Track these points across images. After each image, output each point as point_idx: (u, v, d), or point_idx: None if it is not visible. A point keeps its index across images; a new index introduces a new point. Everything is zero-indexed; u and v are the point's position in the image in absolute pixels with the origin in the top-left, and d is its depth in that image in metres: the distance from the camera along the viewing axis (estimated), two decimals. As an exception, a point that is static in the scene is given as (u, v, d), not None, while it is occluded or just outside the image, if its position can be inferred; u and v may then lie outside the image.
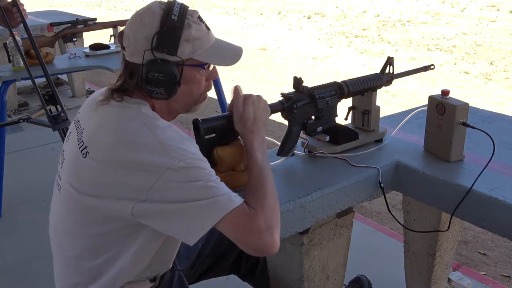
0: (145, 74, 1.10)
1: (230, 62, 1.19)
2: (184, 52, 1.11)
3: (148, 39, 1.09)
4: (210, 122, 1.20)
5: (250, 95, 1.23)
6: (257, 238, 1.04)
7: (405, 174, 1.44)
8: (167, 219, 1.05)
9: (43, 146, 3.87)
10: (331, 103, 1.47)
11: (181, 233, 1.06)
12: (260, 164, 1.16)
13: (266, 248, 1.05)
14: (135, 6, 14.28)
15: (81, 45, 3.78)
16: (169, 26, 1.08)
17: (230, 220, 1.03)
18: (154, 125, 1.08)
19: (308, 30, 10.52)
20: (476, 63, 7.37)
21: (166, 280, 1.34)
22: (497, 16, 11.67)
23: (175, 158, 1.02)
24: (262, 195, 1.10)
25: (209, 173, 1.07)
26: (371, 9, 13.30)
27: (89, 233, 1.14)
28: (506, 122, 1.79)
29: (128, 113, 1.11)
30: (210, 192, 1.03)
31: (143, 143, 1.05)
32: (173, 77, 1.11)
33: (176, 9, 1.11)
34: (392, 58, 1.59)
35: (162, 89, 1.11)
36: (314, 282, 1.47)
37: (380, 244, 2.62)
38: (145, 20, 1.10)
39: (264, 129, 1.22)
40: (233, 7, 14.03)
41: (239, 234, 1.05)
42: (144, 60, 1.10)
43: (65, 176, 1.17)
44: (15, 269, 2.39)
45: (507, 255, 2.64)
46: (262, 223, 1.04)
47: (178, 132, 1.11)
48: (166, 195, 1.03)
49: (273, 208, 1.09)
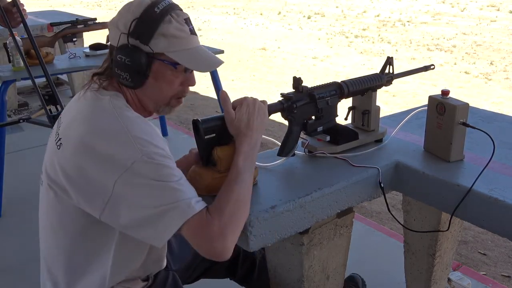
0: (115, 56, 1.13)
1: (202, 68, 1.17)
2: (158, 45, 1.12)
3: (127, 24, 1.12)
4: (210, 122, 1.20)
5: (245, 98, 1.22)
6: (207, 244, 1.03)
7: (405, 174, 1.44)
8: (133, 226, 1.05)
9: (43, 146, 3.83)
10: (331, 103, 1.47)
11: (147, 237, 1.06)
12: (238, 169, 1.13)
13: (215, 254, 1.04)
14: (135, 6, 14.26)
15: (81, 45, 3.78)
16: (148, 16, 1.11)
17: (188, 226, 1.03)
18: (123, 116, 1.09)
19: (308, 30, 10.52)
20: (476, 63, 7.37)
21: (160, 280, 1.33)
22: (497, 16, 11.67)
23: (140, 151, 1.03)
24: (225, 200, 1.08)
25: (173, 173, 1.06)
26: (371, 9, 13.30)
27: (69, 230, 1.15)
28: (506, 122, 1.79)
29: (100, 104, 1.12)
30: (173, 196, 1.03)
31: (111, 133, 1.06)
32: (140, 66, 1.12)
33: (163, 4, 1.13)
34: (392, 58, 1.59)
35: (128, 75, 1.13)
36: (314, 282, 1.47)
37: (380, 244, 2.62)
38: (132, 7, 1.13)
39: (258, 133, 1.20)
40: (233, 7, 14.03)
41: (192, 238, 1.05)
42: (118, 43, 1.13)
43: (44, 170, 1.19)
44: (15, 269, 2.39)
45: (507, 255, 2.64)
46: (215, 230, 1.03)
47: (149, 125, 1.11)
48: (129, 196, 1.03)
49: (232, 215, 1.06)
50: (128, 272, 1.22)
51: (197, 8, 13.80)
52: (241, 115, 1.18)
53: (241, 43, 8.87)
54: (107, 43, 3.32)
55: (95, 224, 1.11)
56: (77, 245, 1.16)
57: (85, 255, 1.17)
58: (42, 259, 1.26)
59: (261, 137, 1.21)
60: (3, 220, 2.85)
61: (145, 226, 1.04)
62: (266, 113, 1.24)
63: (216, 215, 1.05)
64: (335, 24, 11.11)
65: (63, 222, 1.15)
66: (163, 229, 1.03)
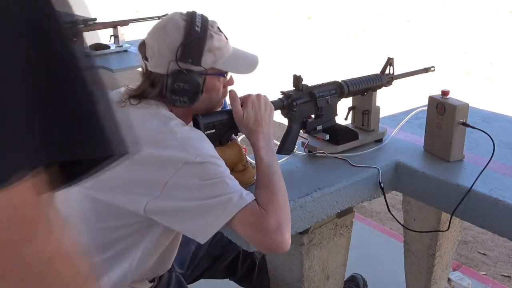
0: (171, 84, 1.13)
1: (248, 70, 1.23)
2: (207, 61, 1.14)
3: (173, 50, 1.11)
4: (209, 117, 1.21)
5: (249, 96, 1.24)
6: (267, 237, 1.05)
7: (405, 174, 1.44)
8: (180, 217, 1.06)
9: (43, 146, 3.86)
10: (331, 102, 1.47)
11: (193, 231, 1.07)
12: (266, 162, 1.17)
13: (277, 246, 1.06)
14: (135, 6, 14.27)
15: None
16: (193, 37, 1.12)
17: (241, 218, 1.04)
18: (172, 124, 1.10)
19: (308, 30, 10.52)
20: (476, 63, 7.37)
21: (164, 281, 1.34)
22: (497, 16, 11.67)
23: (192, 153, 1.05)
24: (270, 193, 1.11)
25: (223, 170, 1.08)
26: (371, 9, 13.31)
27: (98, 228, 1.14)
28: (506, 122, 1.79)
29: (147, 112, 1.13)
30: (223, 189, 1.05)
31: (161, 140, 1.07)
32: (197, 86, 1.14)
33: (198, 20, 1.14)
34: (392, 58, 1.59)
35: (186, 98, 1.14)
36: (314, 282, 1.47)
37: (380, 244, 2.62)
38: (169, 31, 1.13)
39: (269, 126, 1.23)
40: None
41: (250, 233, 1.07)
42: (169, 70, 1.12)
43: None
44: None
45: (507, 255, 2.64)
46: (272, 222, 1.05)
47: (196, 131, 1.14)
48: (180, 192, 1.04)
49: (282, 206, 1.10)
50: (142, 271, 1.23)
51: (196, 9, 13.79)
52: (248, 113, 1.21)
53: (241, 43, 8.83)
54: (108, 43, 3.32)
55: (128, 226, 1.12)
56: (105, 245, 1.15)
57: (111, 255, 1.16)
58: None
59: (272, 129, 1.24)
60: (3, 220, 2.84)
61: (195, 218, 1.05)
62: (272, 106, 1.27)
63: (269, 207, 1.06)
64: (335, 24, 11.11)
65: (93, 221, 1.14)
66: (211, 222, 1.04)
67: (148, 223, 1.12)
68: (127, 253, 1.17)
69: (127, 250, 1.16)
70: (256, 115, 1.21)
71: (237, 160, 1.25)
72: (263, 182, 1.14)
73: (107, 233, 1.14)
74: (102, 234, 1.15)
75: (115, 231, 1.14)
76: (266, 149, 1.20)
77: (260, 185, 1.14)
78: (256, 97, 1.24)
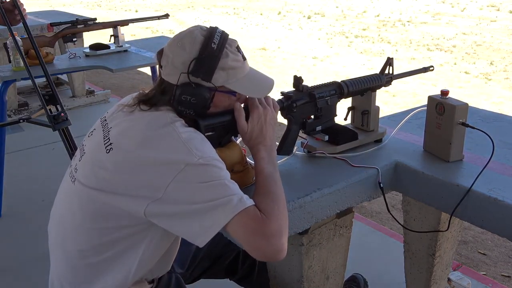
0: (178, 95, 1.14)
1: (260, 94, 1.23)
2: (218, 79, 1.14)
3: (186, 63, 1.12)
4: (209, 119, 1.21)
5: (257, 108, 1.23)
6: (268, 242, 1.03)
7: (405, 174, 1.44)
8: (179, 219, 1.06)
9: (43, 146, 3.87)
10: (330, 102, 1.47)
11: (192, 234, 1.06)
12: (267, 172, 1.17)
13: (275, 252, 1.04)
14: (135, 6, 14.28)
15: (81, 45, 3.78)
16: (207, 54, 1.12)
17: (240, 222, 1.03)
18: (178, 127, 1.11)
19: (308, 30, 10.52)
20: (476, 63, 7.37)
21: (164, 283, 1.34)
22: (497, 16, 11.67)
23: (195, 155, 1.05)
24: (271, 200, 1.10)
25: (224, 174, 1.08)
26: (371, 9, 13.30)
27: (97, 228, 1.15)
28: (506, 122, 1.79)
29: (157, 116, 1.14)
30: (223, 192, 1.04)
31: (167, 142, 1.08)
32: (204, 101, 1.15)
33: (217, 37, 1.14)
34: (391, 58, 1.59)
35: (192, 110, 1.15)
36: (313, 283, 1.47)
37: (380, 244, 2.62)
38: (186, 44, 1.14)
39: (272, 139, 1.24)
40: (233, 7, 14.02)
41: (248, 238, 1.04)
42: (179, 81, 1.14)
43: (82, 170, 1.18)
44: (15, 269, 2.39)
45: (507, 255, 2.64)
46: (273, 227, 1.04)
47: (201, 135, 1.14)
48: (182, 194, 1.04)
49: (283, 214, 1.09)
50: (143, 273, 1.23)
51: (197, 8, 13.80)
52: (253, 128, 1.22)
53: (241, 43, 8.82)
54: (109, 43, 3.32)
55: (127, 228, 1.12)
56: (103, 246, 1.16)
57: (109, 256, 1.17)
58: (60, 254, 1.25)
59: (275, 141, 1.25)
60: (3, 220, 2.85)
61: (194, 220, 1.04)
62: (276, 120, 1.27)
63: (269, 213, 1.06)
64: (335, 24, 11.10)
65: (93, 221, 1.15)
66: (209, 224, 1.03)
67: (147, 225, 1.12)
68: (127, 255, 1.16)
69: (126, 251, 1.16)
70: (261, 130, 1.22)
71: (236, 161, 1.25)
72: (262, 190, 1.13)
73: (107, 233, 1.14)
74: (102, 234, 1.15)
75: (115, 232, 1.14)
76: (267, 160, 1.20)
77: (260, 192, 1.13)
78: (263, 111, 1.23)
